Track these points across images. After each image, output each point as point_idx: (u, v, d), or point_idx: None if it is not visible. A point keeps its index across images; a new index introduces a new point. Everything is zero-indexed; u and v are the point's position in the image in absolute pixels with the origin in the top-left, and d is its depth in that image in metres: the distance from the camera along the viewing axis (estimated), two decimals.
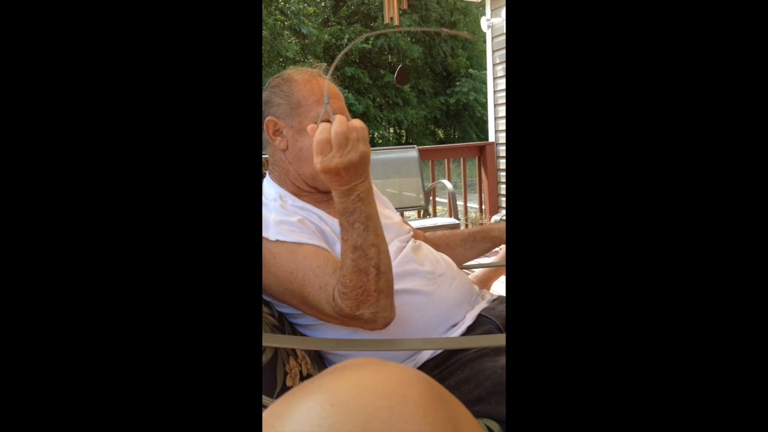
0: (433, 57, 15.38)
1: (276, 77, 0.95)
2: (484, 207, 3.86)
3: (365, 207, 0.75)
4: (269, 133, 0.92)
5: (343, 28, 14.29)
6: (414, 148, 3.22)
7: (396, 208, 1.11)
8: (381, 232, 0.77)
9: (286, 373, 0.77)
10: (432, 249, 1.00)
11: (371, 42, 14.07)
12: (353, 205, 0.74)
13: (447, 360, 0.84)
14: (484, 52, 4.99)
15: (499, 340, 0.78)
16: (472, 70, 15.50)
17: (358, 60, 14.28)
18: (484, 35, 4.04)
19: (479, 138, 14.67)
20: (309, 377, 0.82)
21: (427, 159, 3.50)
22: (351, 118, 0.94)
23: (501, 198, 3.81)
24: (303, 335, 0.90)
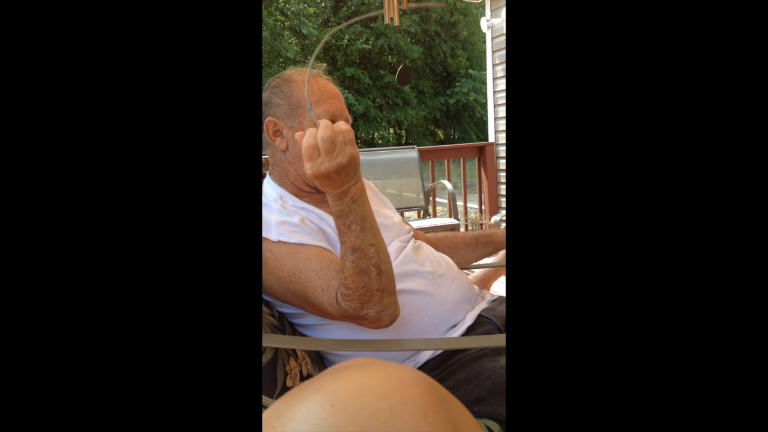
0: (433, 57, 15.38)
1: (276, 78, 0.95)
2: (483, 207, 3.86)
3: (360, 208, 0.76)
4: (269, 134, 0.92)
5: (343, 29, 14.29)
6: (414, 148, 3.23)
7: (396, 208, 1.11)
8: (378, 231, 0.78)
9: (286, 374, 0.77)
10: (432, 249, 1.00)
11: (371, 43, 14.08)
12: (348, 208, 0.76)
13: (447, 360, 0.84)
14: (483, 52, 5.00)
15: (499, 340, 0.78)
16: (471, 70, 15.51)
17: (358, 61, 14.29)
18: (484, 36, 4.04)
19: (479, 138, 14.67)
20: (309, 377, 0.82)
21: (427, 159, 3.50)
22: (351, 118, 0.94)
23: (501, 198, 3.81)
24: (303, 335, 0.90)
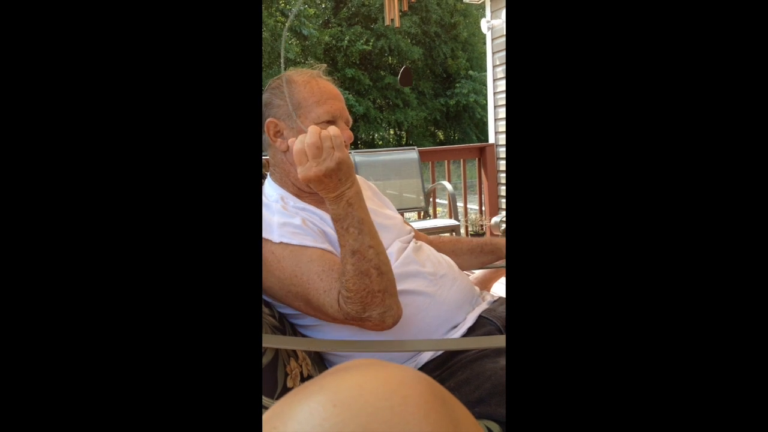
0: (433, 59, 15.39)
1: (276, 79, 0.95)
2: (484, 208, 3.86)
3: (356, 212, 0.77)
4: (270, 135, 0.92)
5: (344, 29, 14.29)
6: (414, 149, 3.23)
7: (396, 209, 1.11)
8: (376, 234, 0.79)
9: (286, 374, 0.77)
10: (433, 250, 1.00)
11: (372, 44, 14.08)
12: (344, 211, 0.77)
13: (447, 361, 0.84)
14: (484, 53, 5.00)
15: (500, 341, 0.78)
16: (472, 71, 15.52)
17: (358, 62, 14.29)
18: (484, 37, 4.05)
19: (479, 139, 14.68)
20: (310, 378, 0.82)
21: (427, 160, 3.50)
22: (351, 119, 0.95)
23: (501, 199, 3.81)
24: (304, 336, 0.90)
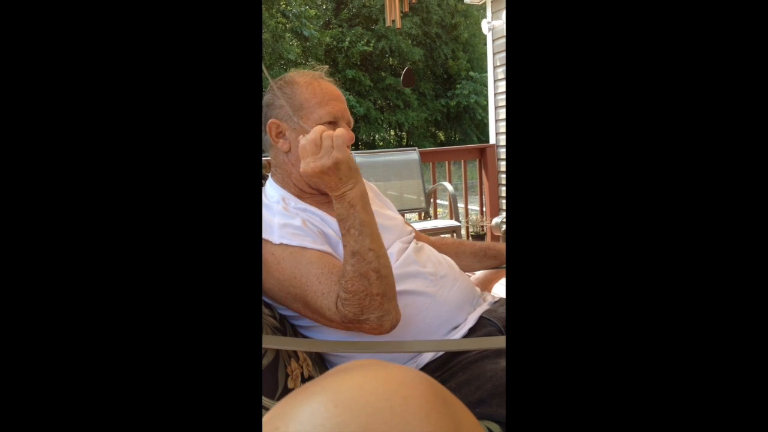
0: (434, 60, 15.39)
1: (278, 80, 0.95)
2: (485, 209, 3.86)
3: (358, 213, 0.77)
4: (272, 136, 0.92)
5: (344, 30, 14.30)
6: (415, 150, 3.23)
7: (397, 210, 1.11)
8: (378, 237, 0.78)
9: (287, 375, 0.77)
10: (434, 251, 1.00)
11: (372, 45, 14.09)
12: (346, 212, 0.77)
13: (448, 362, 0.84)
14: (484, 54, 5.00)
15: (500, 342, 0.78)
16: (472, 72, 15.52)
17: (359, 63, 14.30)
18: (485, 38, 4.05)
19: (480, 140, 14.68)
20: (310, 379, 0.82)
21: (428, 161, 3.50)
22: (353, 120, 0.95)
23: (502, 200, 3.80)
24: (304, 337, 0.90)
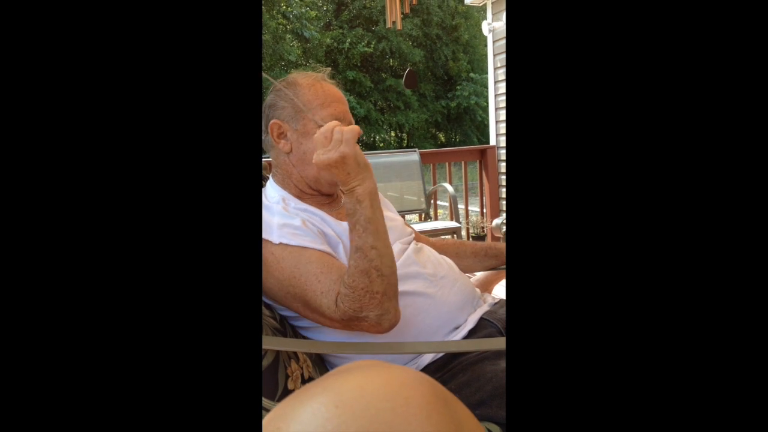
0: (435, 61, 15.39)
1: (281, 81, 0.95)
2: (485, 210, 3.86)
3: (365, 210, 0.77)
4: (273, 136, 0.93)
5: (345, 31, 14.31)
6: (415, 151, 3.23)
7: (397, 211, 1.12)
8: (384, 236, 0.78)
9: (287, 376, 0.77)
10: (434, 251, 1.00)
11: (373, 46, 14.09)
12: (353, 207, 0.78)
13: (448, 363, 0.84)
14: (485, 56, 5.00)
15: (501, 343, 0.78)
16: (473, 74, 15.52)
17: (359, 64, 14.30)
18: (485, 39, 4.05)
19: (480, 141, 14.68)
20: (310, 380, 0.82)
21: (429, 162, 3.50)
22: (354, 122, 0.95)
23: (502, 201, 3.80)
24: (305, 338, 0.90)
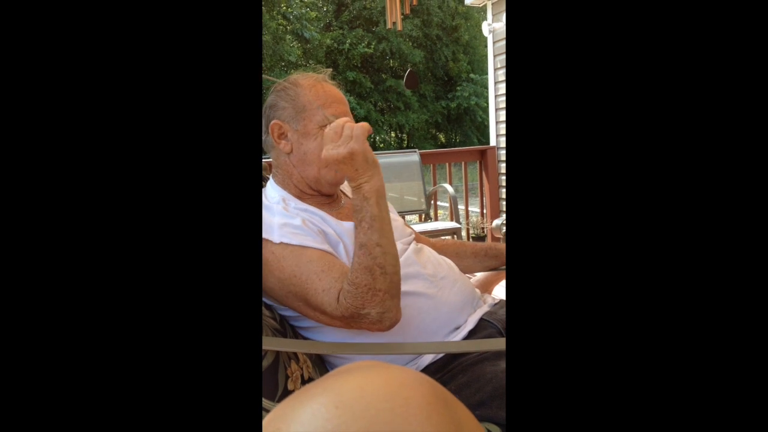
0: (435, 61, 15.40)
1: (282, 81, 0.96)
2: (485, 211, 3.86)
3: (371, 207, 0.78)
4: (274, 137, 0.93)
5: (345, 32, 14.32)
6: (415, 152, 3.23)
7: (398, 212, 1.12)
8: (389, 234, 0.79)
9: (287, 377, 0.77)
10: (434, 252, 1.00)
11: (373, 47, 14.10)
12: (360, 204, 0.79)
13: (448, 364, 0.84)
14: (485, 56, 5.00)
15: (501, 344, 0.78)
16: (473, 74, 15.53)
17: (359, 65, 14.31)
18: (485, 40, 4.05)
19: (480, 142, 14.69)
20: (310, 381, 0.82)
21: (429, 163, 3.50)
22: (355, 121, 0.95)
23: (502, 202, 3.81)
24: (305, 338, 0.90)
